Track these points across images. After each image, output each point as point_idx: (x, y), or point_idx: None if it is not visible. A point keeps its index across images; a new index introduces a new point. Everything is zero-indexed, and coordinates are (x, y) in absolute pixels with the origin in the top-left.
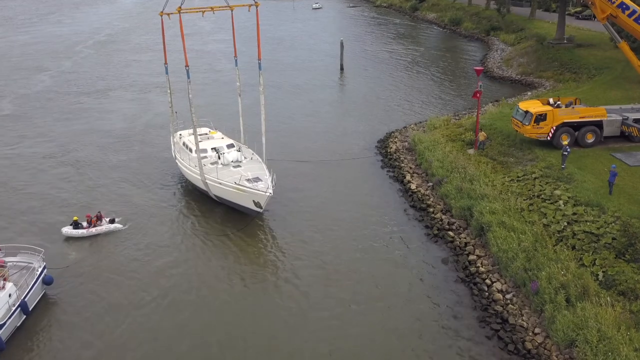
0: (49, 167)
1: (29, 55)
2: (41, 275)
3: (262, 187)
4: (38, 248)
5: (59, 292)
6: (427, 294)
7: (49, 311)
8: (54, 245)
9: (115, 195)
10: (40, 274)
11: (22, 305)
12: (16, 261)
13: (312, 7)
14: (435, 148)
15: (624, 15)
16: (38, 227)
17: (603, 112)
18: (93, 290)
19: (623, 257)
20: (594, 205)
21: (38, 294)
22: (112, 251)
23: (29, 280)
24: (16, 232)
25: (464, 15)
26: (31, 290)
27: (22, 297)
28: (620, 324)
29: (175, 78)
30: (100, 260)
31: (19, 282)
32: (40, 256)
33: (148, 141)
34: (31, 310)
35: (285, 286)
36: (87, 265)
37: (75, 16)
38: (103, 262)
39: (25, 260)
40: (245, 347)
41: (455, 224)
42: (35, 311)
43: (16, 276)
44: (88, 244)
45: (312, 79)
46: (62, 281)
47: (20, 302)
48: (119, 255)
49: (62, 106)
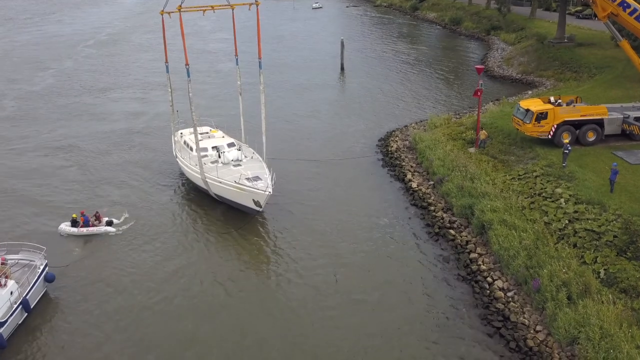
0: (51, 166)
1: (30, 54)
2: (43, 273)
3: (262, 186)
4: (40, 246)
5: (60, 290)
6: (428, 292)
7: (50, 309)
8: (55, 244)
9: (117, 195)
10: (42, 272)
11: (24, 303)
12: (18, 259)
13: (312, 7)
14: (436, 147)
15: (625, 13)
16: (40, 225)
17: (604, 110)
18: (95, 288)
19: (624, 255)
20: (595, 203)
21: (40, 292)
22: (114, 249)
23: (31, 278)
24: (18, 229)
25: (464, 15)
26: (33, 288)
27: (23, 294)
28: (622, 321)
29: (176, 77)
30: (102, 258)
31: (21, 279)
32: (42, 254)
33: (149, 140)
34: (33, 308)
35: (286, 285)
36: (88, 263)
37: (76, 15)
38: (104, 260)
39: (27, 257)
40: (245, 347)
41: (456, 222)
42: (36, 309)
43: (18, 274)
44: (90, 242)
45: (313, 78)
46: (64, 279)
47: (22, 299)
48: (121, 254)
49: (63, 105)
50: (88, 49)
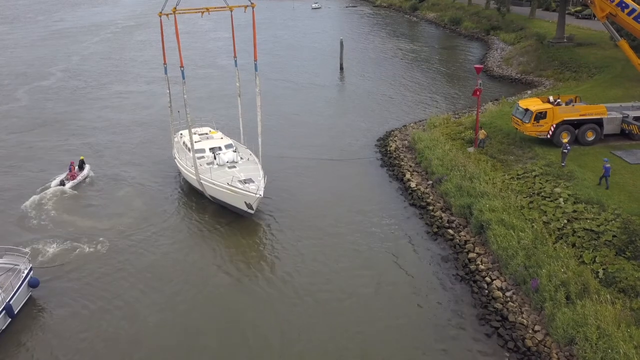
0: (44, 160)
1: (31, 54)
2: (27, 277)
3: (253, 188)
4: (24, 250)
5: (45, 294)
6: (427, 292)
7: (35, 314)
8: (40, 245)
9: (114, 195)
10: (26, 276)
11: (7, 309)
12: (1, 263)
13: (312, 7)
14: (435, 146)
15: (624, 13)
16: (24, 226)
17: (603, 110)
18: (81, 291)
19: (623, 255)
20: (594, 203)
21: (24, 297)
22: (101, 251)
23: (15, 282)
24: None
25: (463, 15)
26: (17, 293)
27: (7, 300)
28: (621, 321)
29: (176, 78)
30: (89, 260)
31: (4, 284)
32: (26, 258)
33: (150, 139)
34: (17, 313)
35: (282, 284)
36: (74, 266)
37: (77, 15)
38: (91, 263)
39: (11, 262)
40: (242, 344)
41: (455, 222)
42: (20, 314)
43: (1, 278)
44: (76, 244)
45: (312, 78)
46: (49, 283)
47: (5, 305)
48: (108, 256)
49: (64, 105)
50: (94, 46)
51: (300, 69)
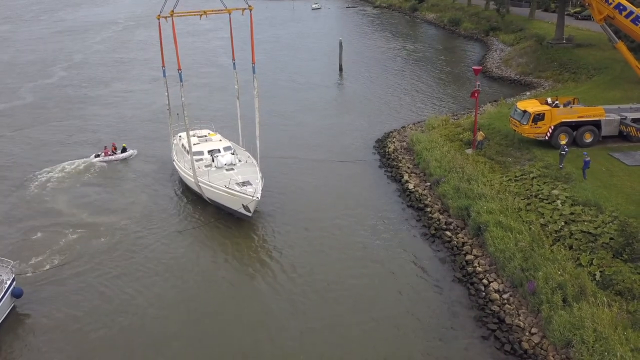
0: (43, 159)
1: (32, 54)
2: (10, 287)
3: (251, 191)
4: (7, 259)
5: (29, 305)
6: (424, 294)
7: (18, 326)
8: (25, 253)
9: (114, 194)
10: (9, 287)
11: None
12: None
13: (312, 7)
14: (433, 148)
15: (621, 16)
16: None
17: (601, 111)
18: (66, 301)
19: (620, 257)
20: (592, 205)
21: (7, 308)
22: (89, 258)
23: None
24: None
25: (463, 16)
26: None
27: None
28: (617, 324)
29: (176, 79)
30: (74, 267)
31: None
32: (9, 268)
33: (151, 139)
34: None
35: (279, 284)
36: (61, 273)
37: (78, 14)
38: (79, 270)
39: None
40: (242, 343)
41: (452, 224)
42: (3, 326)
43: None
44: (63, 250)
45: (311, 79)
46: (33, 293)
47: None
48: (98, 263)
49: (65, 104)
50: (97, 45)
51: (299, 69)
